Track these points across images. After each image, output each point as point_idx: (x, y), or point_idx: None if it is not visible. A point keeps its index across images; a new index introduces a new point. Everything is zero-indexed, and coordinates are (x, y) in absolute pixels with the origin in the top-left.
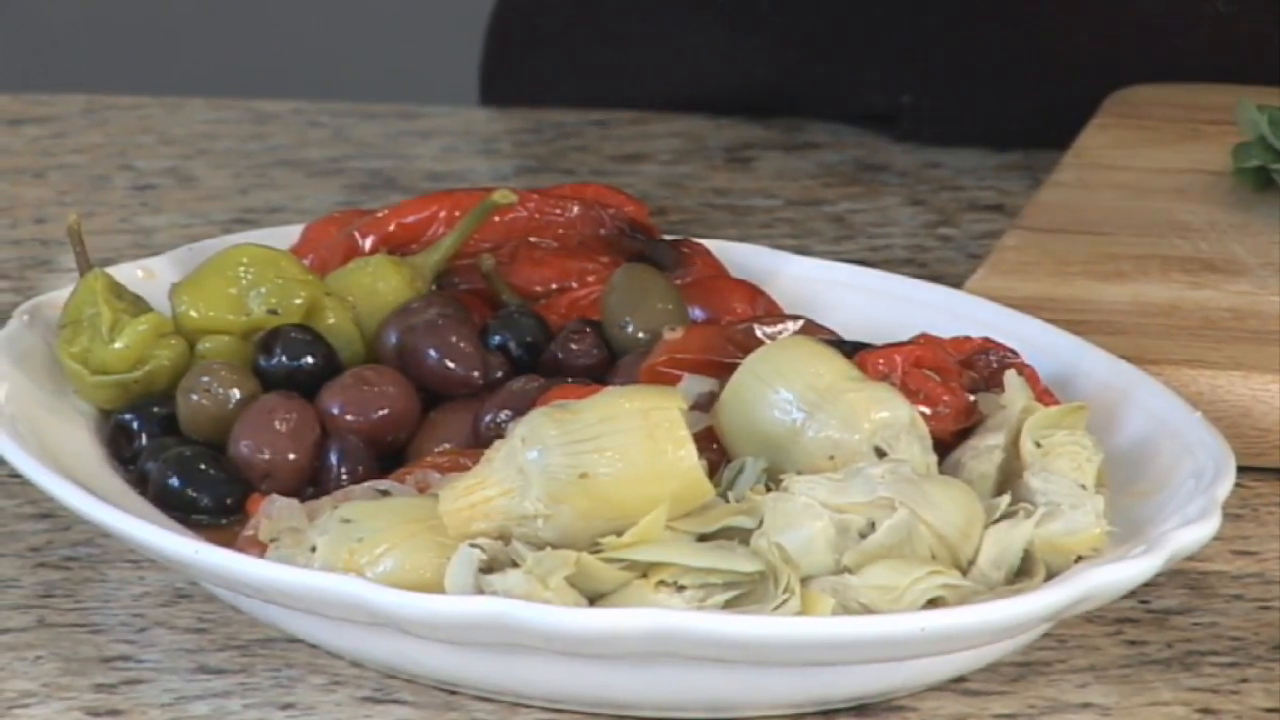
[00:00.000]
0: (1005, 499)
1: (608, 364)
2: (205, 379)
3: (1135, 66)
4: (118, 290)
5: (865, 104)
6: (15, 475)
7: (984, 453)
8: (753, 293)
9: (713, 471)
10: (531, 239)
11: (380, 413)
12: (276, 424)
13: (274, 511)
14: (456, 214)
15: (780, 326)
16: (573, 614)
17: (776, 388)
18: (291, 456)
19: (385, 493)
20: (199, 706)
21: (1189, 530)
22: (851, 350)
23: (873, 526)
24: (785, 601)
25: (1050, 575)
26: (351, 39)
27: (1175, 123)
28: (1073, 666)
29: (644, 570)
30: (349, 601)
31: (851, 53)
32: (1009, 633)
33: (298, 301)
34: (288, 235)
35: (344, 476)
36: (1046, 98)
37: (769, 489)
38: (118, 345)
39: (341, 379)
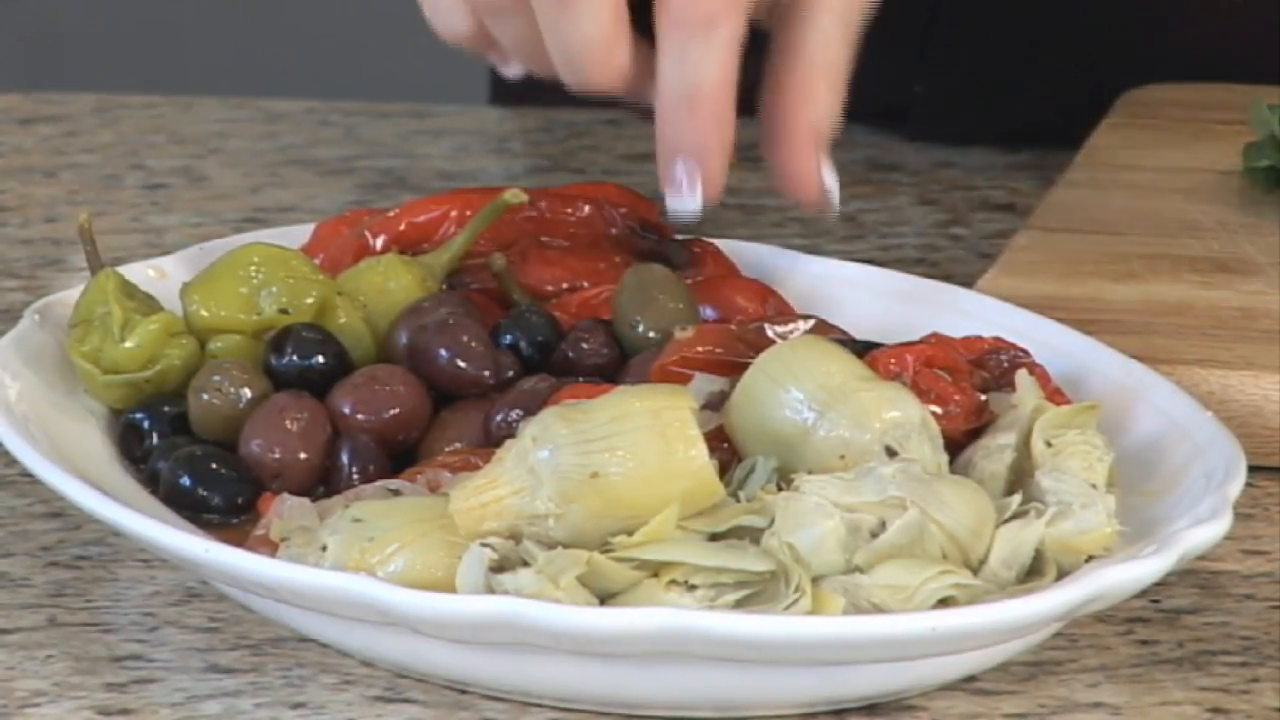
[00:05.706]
0: (1016, 498)
1: (619, 363)
2: (216, 378)
3: (1147, 65)
4: (129, 289)
5: (878, 97)
6: (26, 474)
7: (995, 452)
8: (764, 292)
9: (724, 471)
10: (543, 238)
11: (391, 412)
12: (287, 423)
13: (285, 511)
14: (468, 213)
15: (791, 326)
16: (584, 613)
17: (787, 387)
18: (302, 456)
19: (396, 492)
20: (210, 706)
21: (1200, 530)
22: (862, 350)
23: (884, 526)
24: (796, 601)
25: (1061, 575)
26: (363, 38)
27: (1187, 122)
28: (1084, 666)
29: (655, 570)
30: (360, 601)
31: (863, 48)
32: (1020, 632)
33: (309, 301)
34: (299, 234)
35: (355, 476)
36: (1058, 96)
37: (780, 488)
38: (129, 344)
39: (352, 378)
